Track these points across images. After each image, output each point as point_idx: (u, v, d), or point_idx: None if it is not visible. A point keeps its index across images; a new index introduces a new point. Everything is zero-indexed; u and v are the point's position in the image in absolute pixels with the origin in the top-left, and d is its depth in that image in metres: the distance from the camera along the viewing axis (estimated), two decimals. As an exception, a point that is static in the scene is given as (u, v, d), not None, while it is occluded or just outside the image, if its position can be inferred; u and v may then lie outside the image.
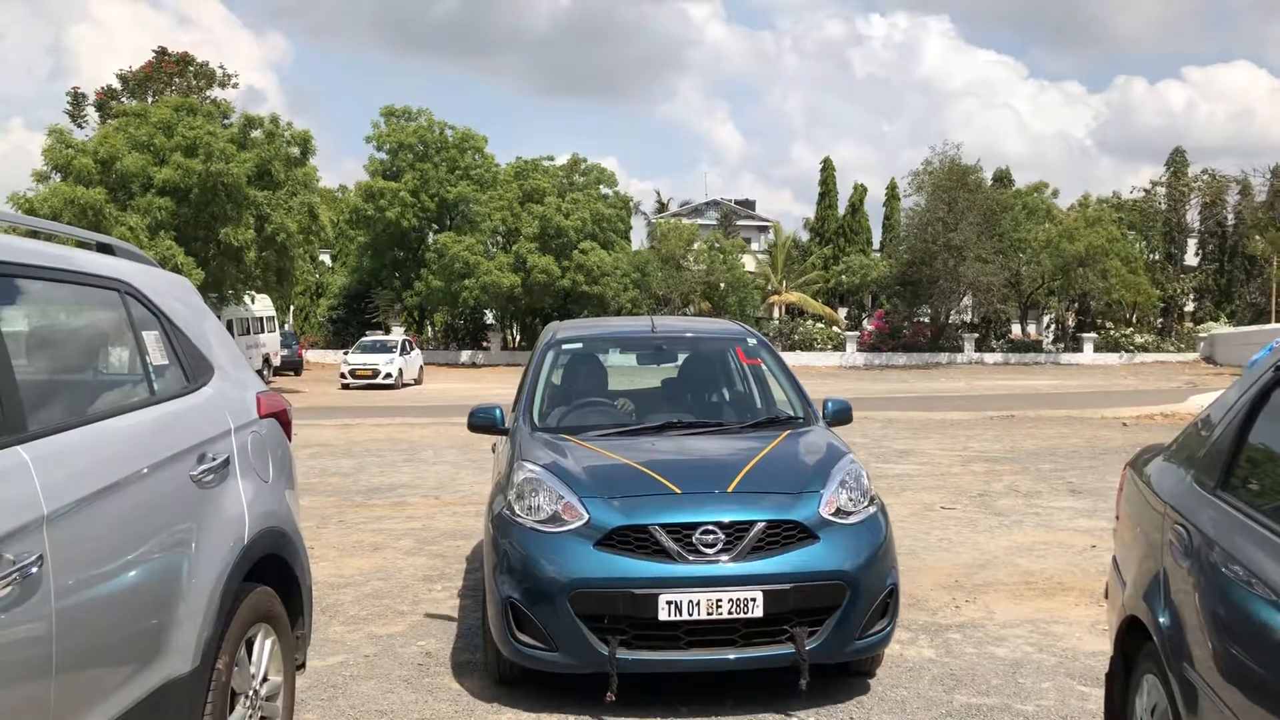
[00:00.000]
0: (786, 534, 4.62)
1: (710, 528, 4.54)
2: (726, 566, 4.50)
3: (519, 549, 4.64)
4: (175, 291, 3.80)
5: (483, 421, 5.88)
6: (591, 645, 4.46)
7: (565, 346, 6.45)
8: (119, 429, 3.09)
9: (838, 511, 4.75)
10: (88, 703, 2.67)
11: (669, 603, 4.42)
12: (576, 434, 5.47)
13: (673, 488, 4.74)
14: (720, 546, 4.53)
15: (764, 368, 6.38)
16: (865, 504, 4.88)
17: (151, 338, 3.46)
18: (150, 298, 3.52)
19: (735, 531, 4.56)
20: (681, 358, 6.86)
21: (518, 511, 4.76)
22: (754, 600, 4.45)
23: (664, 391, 6.70)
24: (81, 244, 3.61)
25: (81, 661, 2.64)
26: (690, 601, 4.43)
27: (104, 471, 2.85)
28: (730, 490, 4.76)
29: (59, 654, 2.53)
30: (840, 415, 5.90)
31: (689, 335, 7.24)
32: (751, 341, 6.50)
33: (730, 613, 4.45)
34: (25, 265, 2.89)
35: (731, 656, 4.53)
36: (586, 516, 4.60)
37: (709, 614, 4.44)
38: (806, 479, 4.89)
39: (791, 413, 5.94)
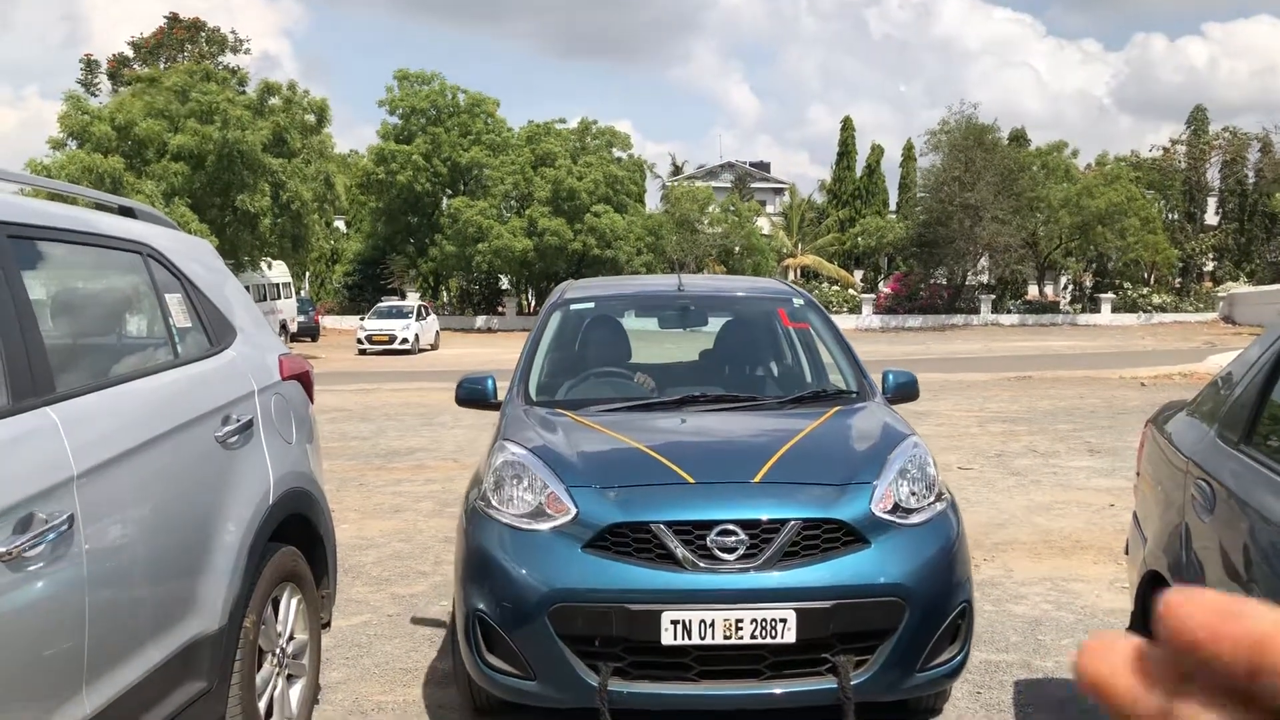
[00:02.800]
0: (828, 537, 3.69)
1: (730, 527, 3.61)
2: (750, 577, 3.57)
3: (490, 549, 3.75)
4: (196, 254, 3.82)
5: (472, 393, 4.94)
6: (577, 674, 3.57)
7: (575, 307, 5.51)
8: (144, 391, 3.11)
9: (895, 508, 3.80)
10: (120, 658, 2.72)
11: (675, 622, 3.50)
12: (577, 409, 4.57)
13: (685, 476, 3.82)
14: (742, 551, 3.59)
15: (812, 332, 5.39)
16: (931, 499, 3.91)
17: (174, 300, 3.48)
18: (172, 260, 3.54)
19: (762, 532, 3.63)
20: (716, 322, 5.77)
21: (494, 503, 3.87)
22: (785, 621, 3.52)
23: (696, 364, 5.72)
24: (101, 207, 3.62)
25: (113, 618, 2.68)
26: (702, 621, 3.50)
27: (131, 433, 2.88)
28: (757, 480, 3.81)
29: (91, 611, 2.57)
30: (904, 390, 4.96)
31: (724, 295, 6.19)
32: (798, 302, 5.49)
33: (754, 636, 3.53)
34: (50, 229, 2.91)
35: (755, 692, 3.60)
36: (574, 511, 3.70)
37: (726, 637, 3.52)
38: (856, 467, 3.94)
39: (843, 386, 4.96)
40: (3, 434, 2.41)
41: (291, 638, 3.81)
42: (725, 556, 3.59)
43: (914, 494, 3.89)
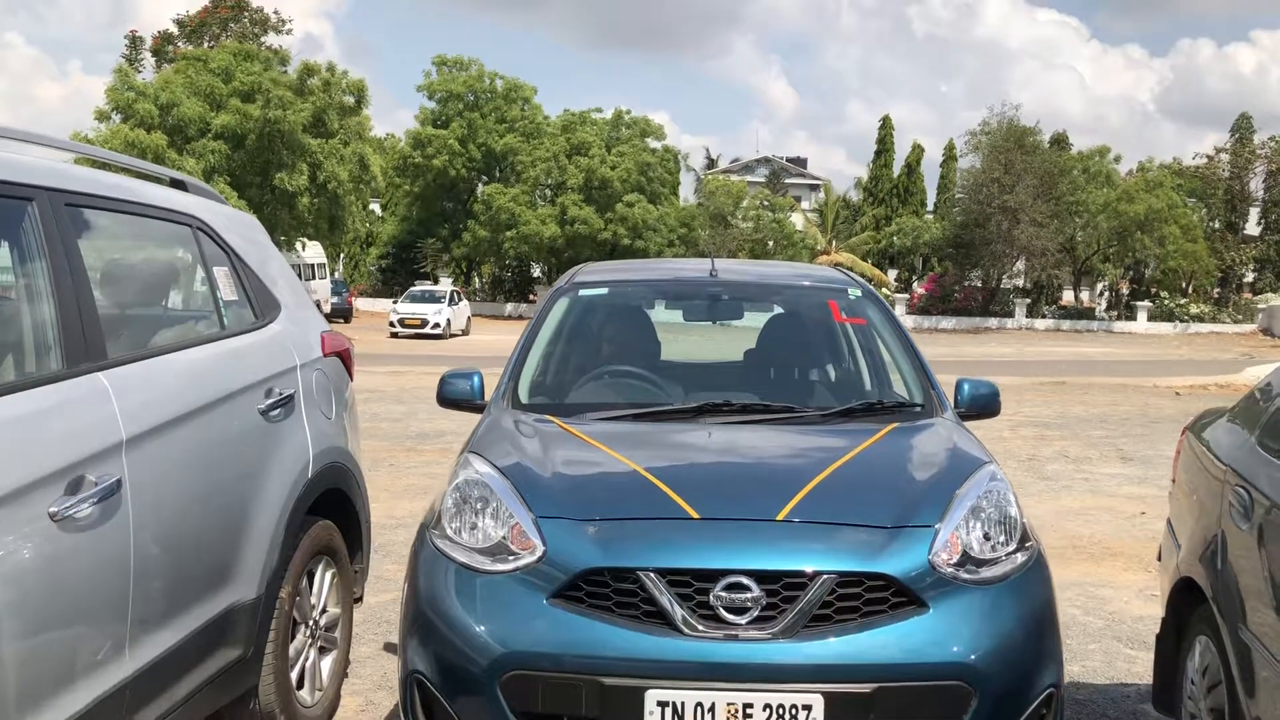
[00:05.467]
0: (872, 597, 2.84)
1: (741, 580, 2.79)
2: (765, 648, 2.76)
3: (435, 593, 2.99)
4: (243, 229, 3.88)
5: (456, 393, 4.12)
6: None
7: (584, 293, 4.61)
8: (192, 361, 3.17)
9: (964, 560, 2.95)
10: (161, 621, 2.78)
11: (663, 704, 2.73)
12: (571, 416, 3.75)
13: (687, 508, 2.99)
14: (757, 613, 2.78)
15: (871, 330, 4.49)
16: (1011, 547, 3.05)
17: (222, 273, 3.54)
18: (221, 234, 3.59)
19: (784, 588, 2.80)
20: (756, 316, 4.81)
21: (448, 531, 3.10)
22: (809, 709, 2.72)
23: (734, 365, 4.76)
24: (152, 179, 3.68)
25: (156, 582, 2.74)
26: (699, 705, 2.73)
27: (178, 401, 2.94)
28: (781, 517, 2.97)
29: (135, 574, 2.63)
30: (982, 404, 4.07)
31: (765, 284, 5.07)
32: (854, 293, 4.55)
33: None
34: (105, 198, 2.97)
35: None
36: (541, 549, 2.92)
37: None
38: (913, 503, 3.09)
39: (905, 397, 4.07)
40: (57, 397, 2.47)
41: (325, 610, 3.87)
42: (734, 618, 2.78)
43: (990, 540, 3.03)
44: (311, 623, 3.75)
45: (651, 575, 2.81)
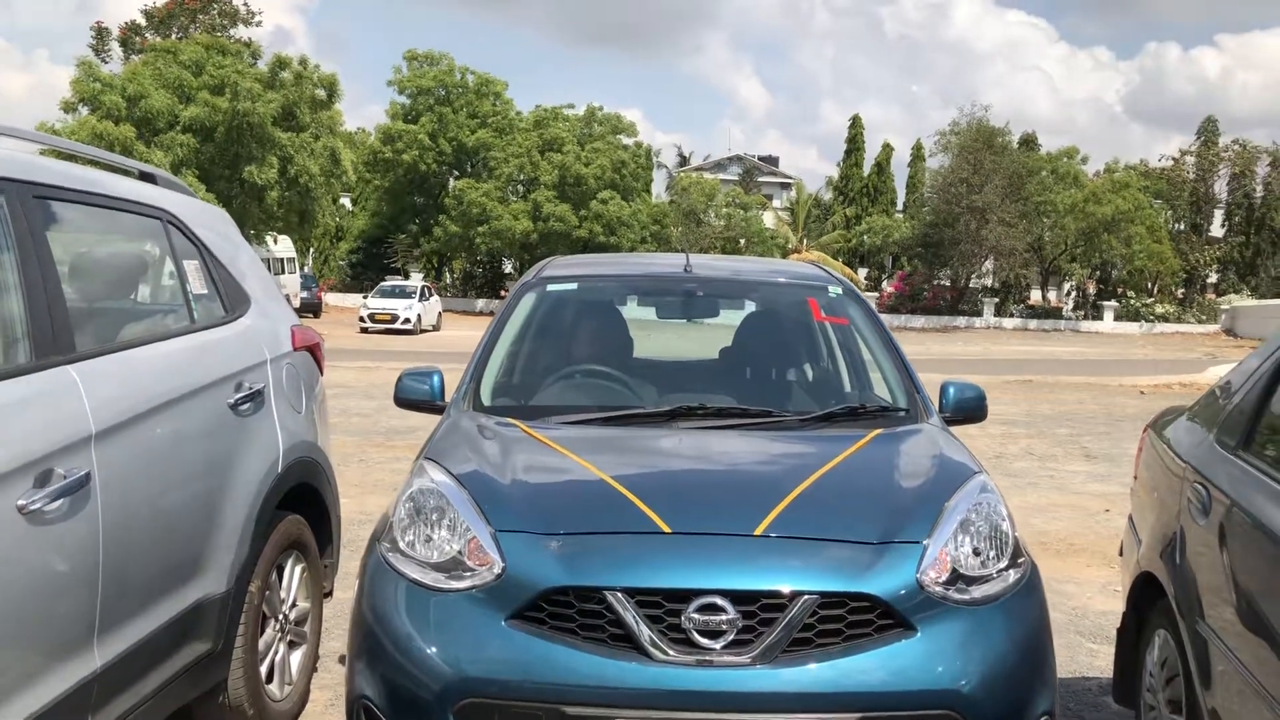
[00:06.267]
0: (857, 618, 2.68)
1: (716, 600, 2.61)
2: (742, 674, 2.59)
3: (384, 612, 2.80)
4: (213, 222, 3.86)
5: (413, 394, 3.90)
6: None
7: (553, 289, 4.41)
8: (161, 354, 3.16)
9: (954, 577, 2.79)
10: (130, 615, 2.77)
11: None
12: (535, 420, 3.56)
13: (658, 521, 2.80)
14: (733, 636, 2.61)
15: (853, 330, 4.33)
16: (1003, 563, 2.90)
17: (192, 267, 3.53)
18: (191, 227, 3.58)
19: (761, 609, 2.63)
20: (732, 314, 4.61)
21: (400, 545, 2.90)
22: None
23: (710, 365, 4.62)
24: (121, 172, 3.66)
25: (124, 575, 2.73)
26: None
27: (147, 395, 2.93)
28: (759, 531, 2.79)
29: (104, 567, 2.62)
30: (968, 408, 3.92)
31: (742, 280, 4.86)
32: (834, 291, 4.38)
33: None
34: (74, 190, 2.96)
35: None
36: (499, 565, 2.74)
37: None
38: (900, 517, 2.92)
39: (888, 400, 3.90)
40: (26, 389, 2.46)
41: (294, 605, 3.87)
42: (708, 642, 2.60)
43: (979, 555, 2.87)
44: (281, 617, 3.74)
45: (619, 595, 2.61)
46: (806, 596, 2.63)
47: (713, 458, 3.37)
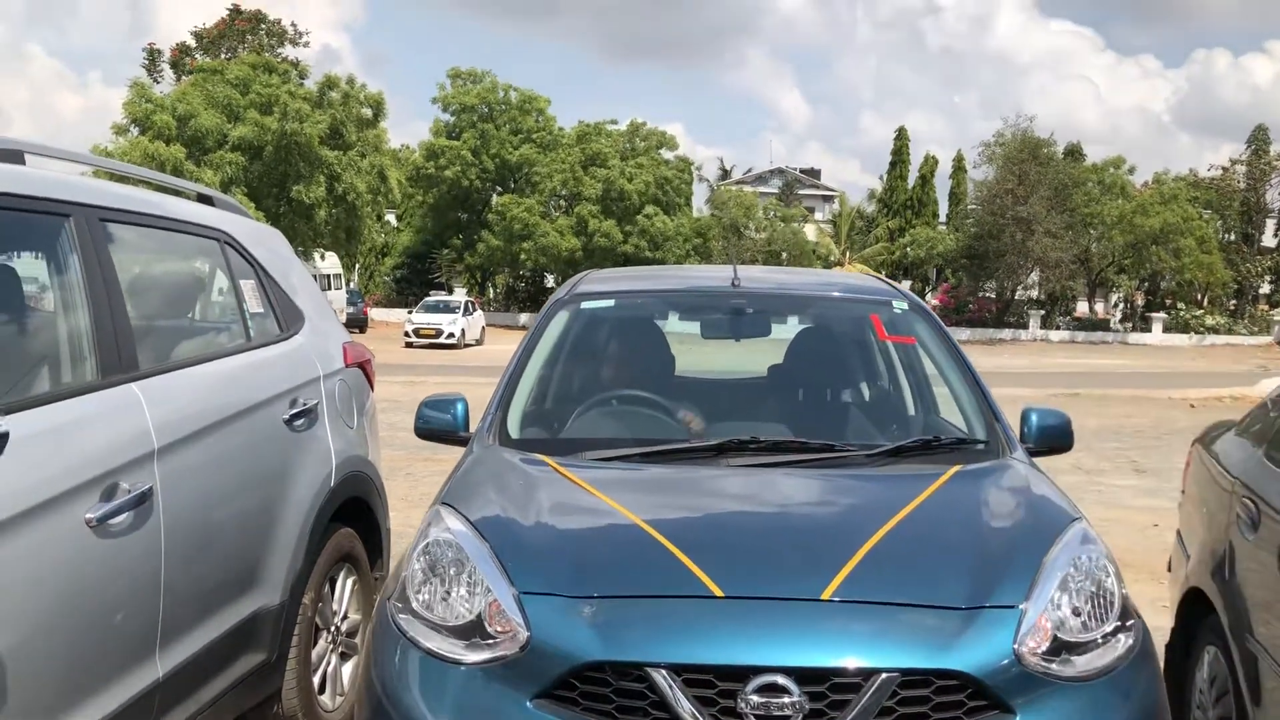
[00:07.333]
0: (944, 700, 2.26)
1: (778, 679, 2.21)
2: None
3: (391, 687, 2.43)
4: (268, 242, 3.97)
5: (435, 425, 3.50)
6: None
7: (587, 305, 3.97)
8: (220, 372, 3.26)
9: (1056, 646, 2.37)
10: (189, 625, 2.86)
11: None
12: (567, 456, 3.15)
13: (708, 583, 2.38)
14: None
15: (919, 350, 3.82)
16: (1109, 627, 2.45)
17: (248, 286, 3.62)
18: (247, 247, 3.68)
19: (832, 690, 2.23)
20: (785, 330, 4.12)
21: (412, 604, 2.53)
22: None
23: (759, 385, 4.17)
24: (180, 194, 3.77)
25: (185, 587, 2.82)
26: None
27: (207, 411, 3.02)
28: (826, 595, 2.37)
29: (166, 580, 2.71)
30: (1053, 437, 3.57)
31: (797, 295, 4.40)
32: (900, 306, 3.86)
33: None
34: (137, 214, 3.06)
35: None
36: (524, 634, 2.34)
37: None
38: (991, 573, 2.48)
39: (965, 431, 3.43)
40: (93, 406, 2.55)
41: (346, 616, 3.94)
42: None
43: (1083, 617, 2.44)
44: (333, 629, 3.82)
45: (664, 673, 2.21)
46: (885, 675, 2.22)
47: (769, 503, 2.95)
